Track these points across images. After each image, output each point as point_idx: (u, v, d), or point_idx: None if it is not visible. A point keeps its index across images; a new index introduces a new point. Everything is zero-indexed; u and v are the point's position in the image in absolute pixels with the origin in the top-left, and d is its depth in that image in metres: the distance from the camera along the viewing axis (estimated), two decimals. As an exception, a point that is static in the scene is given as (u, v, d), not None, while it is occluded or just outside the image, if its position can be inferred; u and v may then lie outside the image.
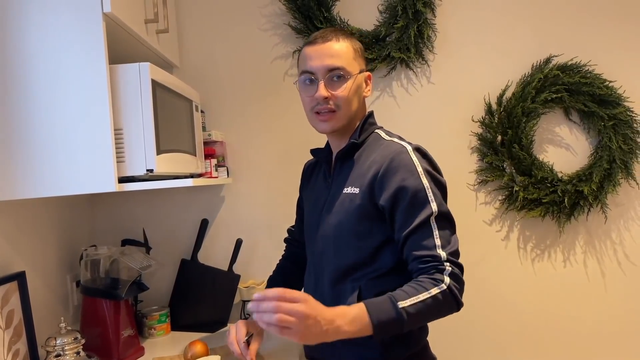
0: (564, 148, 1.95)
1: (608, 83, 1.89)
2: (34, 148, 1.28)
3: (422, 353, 1.23)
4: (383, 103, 1.97)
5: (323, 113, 1.21)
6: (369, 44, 1.91)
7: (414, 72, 1.96)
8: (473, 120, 1.95)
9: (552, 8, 1.93)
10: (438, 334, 1.50)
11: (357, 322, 1.01)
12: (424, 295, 1.04)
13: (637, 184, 1.94)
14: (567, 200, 1.88)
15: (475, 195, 1.97)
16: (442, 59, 1.96)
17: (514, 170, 1.93)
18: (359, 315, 1.01)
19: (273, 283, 1.44)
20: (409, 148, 1.18)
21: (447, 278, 1.06)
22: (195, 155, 1.67)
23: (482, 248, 1.98)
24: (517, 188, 1.90)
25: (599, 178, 1.87)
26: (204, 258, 1.98)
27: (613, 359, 1.96)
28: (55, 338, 1.35)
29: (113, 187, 1.28)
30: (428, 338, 1.28)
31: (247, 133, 1.99)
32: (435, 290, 1.05)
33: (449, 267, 1.07)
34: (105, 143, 1.27)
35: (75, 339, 1.37)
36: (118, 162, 1.31)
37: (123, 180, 1.34)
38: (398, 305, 1.02)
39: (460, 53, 1.95)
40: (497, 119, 1.92)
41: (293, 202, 1.95)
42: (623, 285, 1.96)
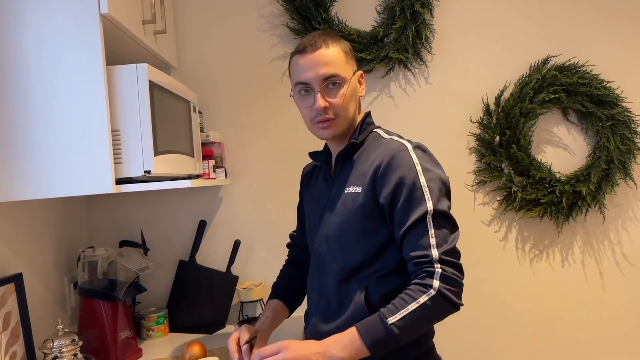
0: (562, 148, 1.96)
1: (606, 83, 1.89)
2: (31, 149, 1.27)
3: (428, 354, 1.23)
4: (381, 104, 1.97)
5: (323, 121, 1.21)
6: (367, 45, 1.91)
7: (412, 72, 1.96)
8: (471, 121, 1.96)
9: (550, 8, 1.94)
10: (436, 334, 1.49)
11: (350, 346, 1.04)
12: (413, 306, 1.05)
13: (635, 184, 1.95)
14: (565, 201, 1.88)
15: (474, 196, 1.97)
16: (440, 60, 1.96)
17: (512, 171, 1.93)
18: (352, 339, 1.05)
19: (277, 289, 1.43)
20: (409, 146, 1.18)
21: (436, 282, 1.06)
22: (193, 157, 1.67)
23: (480, 248, 1.98)
24: (515, 188, 1.90)
25: (597, 178, 1.88)
26: (202, 259, 1.97)
27: (611, 359, 1.96)
28: (53, 340, 1.34)
29: (110, 188, 1.27)
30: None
31: (245, 134, 1.99)
32: (424, 298, 1.06)
33: (439, 268, 1.07)
34: (103, 144, 1.27)
35: (73, 341, 1.36)
36: (115, 163, 1.31)
37: (120, 182, 1.33)
38: (387, 322, 1.04)
39: (458, 53, 1.95)
40: (495, 120, 1.92)
41: (291, 202, 1.95)
42: (621, 286, 1.96)
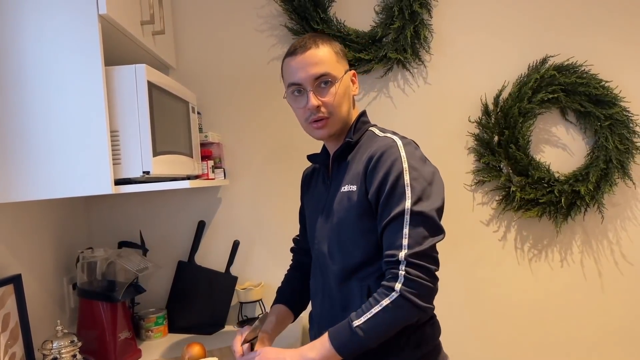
0: (561, 148, 1.96)
1: (604, 83, 1.89)
2: (30, 150, 1.27)
3: (434, 352, 1.23)
4: (380, 104, 1.97)
5: (317, 121, 1.21)
6: (366, 45, 1.91)
7: (411, 72, 1.96)
8: (470, 121, 1.96)
9: (548, 8, 1.94)
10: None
11: (318, 347, 1.09)
12: (376, 309, 1.07)
13: (633, 184, 1.95)
14: (564, 201, 1.88)
15: (473, 196, 1.98)
16: (438, 60, 1.96)
17: (511, 171, 1.93)
18: (322, 341, 1.10)
19: (282, 294, 1.43)
20: (400, 143, 1.17)
21: (398, 285, 1.06)
22: (192, 157, 1.67)
23: (479, 248, 1.98)
24: (514, 188, 1.90)
25: (596, 178, 1.88)
26: (201, 260, 1.97)
27: (610, 359, 1.96)
28: (52, 341, 1.34)
29: (109, 189, 1.27)
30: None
31: (243, 134, 1.98)
32: (386, 301, 1.07)
33: (403, 271, 1.07)
34: (102, 145, 1.27)
35: (72, 342, 1.36)
36: (114, 164, 1.30)
37: (119, 183, 1.33)
38: (353, 325, 1.07)
39: (457, 53, 1.96)
40: (493, 120, 1.92)
41: (290, 203, 1.96)
42: (620, 285, 1.96)
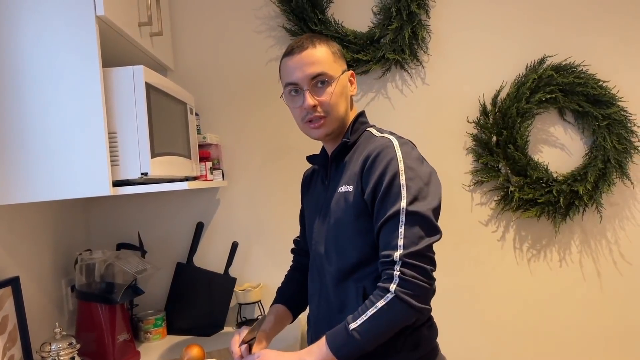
0: (559, 148, 1.96)
1: (602, 83, 1.90)
2: (28, 152, 1.27)
3: (432, 354, 1.23)
4: (378, 104, 1.97)
5: (314, 120, 1.21)
6: (364, 46, 1.91)
7: (409, 73, 1.97)
8: (468, 121, 1.96)
9: (546, 9, 1.94)
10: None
11: (316, 351, 1.08)
12: (372, 311, 1.07)
13: (631, 184, 1.95)
14: (562, 200, 1.88)
15: (471, 196, 1.98)
16: (436, 60, 1.96)
17: (509, 171, 1.93)
18: (319, 345, 1.09)
19: (281, 295, 1.43)
20: (396, 143, 1.17)
21: (393, 286, 1.06)
22: (190, 158, 1.67)
23: (478, 249, 1.98)
24: (512, 188, 1.90)
25: (594, 178, 1.88)
26: (200, 261, 1.97)
27: (609, 358, 1.97)
28: (50, 343, 1.34)
29: (107, 190, 1.27)
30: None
31: (242, 136, 1.98)
32: (381, 303, 1.06)
33: (398, 271, 1.06)
34: (100, 146, 1.27)
35: (71, 344, 1.36)
36: (112, 165, 1.30)
37: (117, 184, 1.33)
38: (349, 328, 1.07)
39: (455, 54, 1.96)
40: (492, 120, 1.93)
41: (289, 204, 1.96)
42: (619, 285, 1.96)
